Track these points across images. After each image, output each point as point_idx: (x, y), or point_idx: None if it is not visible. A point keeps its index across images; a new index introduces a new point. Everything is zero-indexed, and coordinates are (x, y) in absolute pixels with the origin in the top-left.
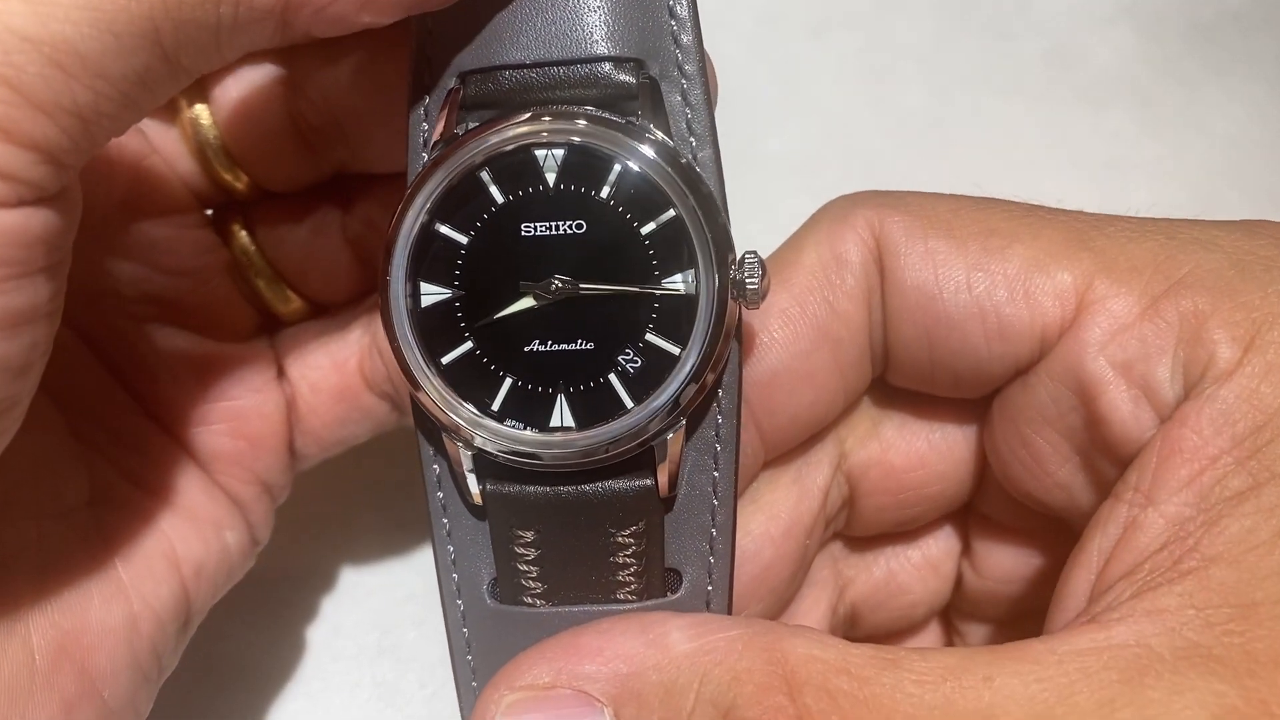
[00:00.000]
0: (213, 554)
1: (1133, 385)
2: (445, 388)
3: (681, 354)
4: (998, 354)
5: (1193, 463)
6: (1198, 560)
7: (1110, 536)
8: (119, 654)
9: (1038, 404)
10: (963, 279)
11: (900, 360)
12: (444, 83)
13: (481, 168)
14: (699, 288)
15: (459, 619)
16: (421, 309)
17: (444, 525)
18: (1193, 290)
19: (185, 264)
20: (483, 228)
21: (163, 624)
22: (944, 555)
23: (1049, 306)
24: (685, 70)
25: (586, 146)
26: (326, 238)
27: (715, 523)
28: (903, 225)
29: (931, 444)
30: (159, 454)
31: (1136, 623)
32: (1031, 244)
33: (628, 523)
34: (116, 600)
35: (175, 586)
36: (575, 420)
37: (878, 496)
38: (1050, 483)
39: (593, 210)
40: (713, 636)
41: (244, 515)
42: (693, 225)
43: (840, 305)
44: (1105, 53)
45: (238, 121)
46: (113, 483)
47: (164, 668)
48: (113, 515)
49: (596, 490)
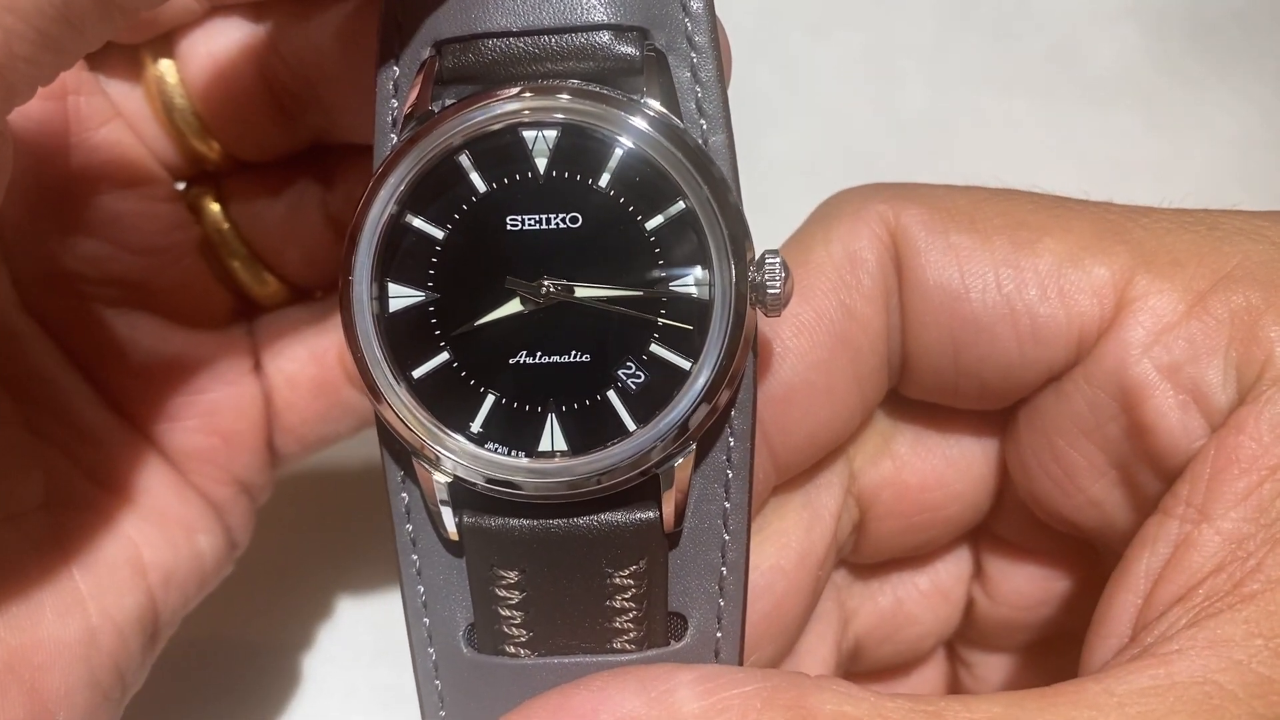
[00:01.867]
0: (183, 560)
1: (1181, 390)
2: (417, 405)
3: (692, 369)
4: (1030, 359)
5: (1251, 473)
6: (1261, 582)
7: (1159, 556)
8: (74, 672)
9: (1073, 413)
10: (991, 277)
11: (920, 368)
12: (416, 52)
13: (460, 151)
14: (713, 291)
15: (430, 670)
16: (389, 314)
17: (414, 562)
18: (1243, 284)
19: (153, 241)
20: (461, 220)
21: (125, 638)
22: (954, 580)
23: (1086, 305)
24: (695, 42)
25: (583, 127)
26: (306, 214)
27: (725, 560)
28: (921, 219)
29: (949, 460)
30: (124, 451)
31: (1199, 656)
32: (1063, 237)
33: (627, 561)
34: (73, 613)
35: (140, 596)
36: (568, 444)
37: (890, 520)
38: (1082, 499)
39: (590, 201)
40: (726, 694)
41: (220, 518)
42: (706, 218)
43: (858, 309)
44: (1108, 51)
45: (208, 82)
46: (72, 482)
47: (128, 685)
48: (71, 518)
49: (591, 524)
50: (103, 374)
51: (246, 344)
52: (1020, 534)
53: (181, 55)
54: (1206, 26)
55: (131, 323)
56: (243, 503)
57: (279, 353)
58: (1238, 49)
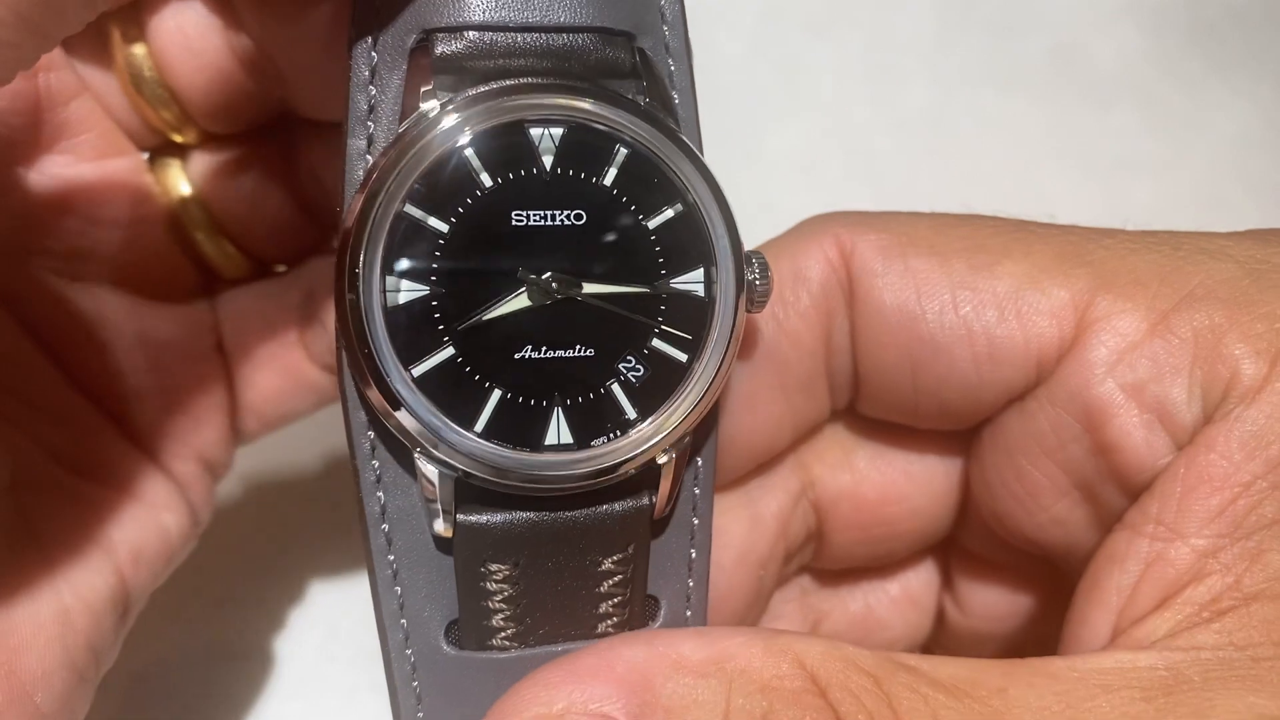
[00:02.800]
0: (151, 538)
1: (1145, 409)
2: (423, 402)
3: (692, 363)
4: (989, 379)
5: (1223, 490)
6: (1237, 597)
7: (1130, 573)
8: (51, 654)
9: (1036, 433)
10: (948, 298)
11: (877, 388)
12: (398, 39)
13: (467, 146)
14: (716, 289)
15: (408, 672)
16: (389, 308)
17: (390, 563)
18: (1206, 303)
19: (119, 213)
20: (466, 214)
21: (99, 617)
22: (925, 589)
23: (1044, 326)
24: (672, 48)
25: (591, 125)
26: (271, 189)
27: (695, 542)
28: (878, 244)
29: (909, 476)
30: (88, 430)
31: (1168, 652)
32: (1023, 260)
33: (615, 548)
34: (45, 595)
35: (110, 575)
36: (574, 437)
37: (849, 531)
38: (1045, 518)
39: (594, 198)
40: (726, 642)
41: (183, 495)
42: (708, 218)
43: (789, 324)
44: (1108, 51)
45: (176, 54)
46: (37, 464)
47: (101, 664)
48: (38, 500)
49: (586, 514)
50: (67, 352)
51: (209, 321)
52: (988, 549)
53: (150, 28)
54: (1206, 26)
55: (98, 298)
56: (205, 480)
57: (241, 330)
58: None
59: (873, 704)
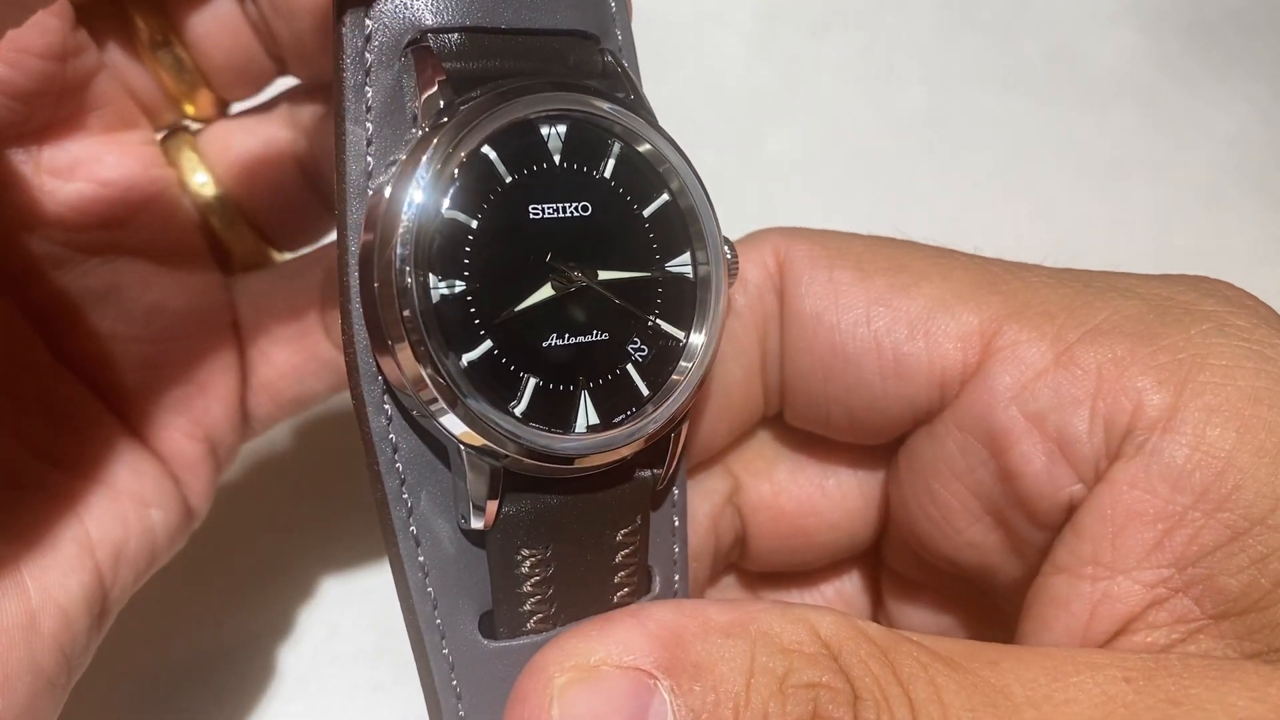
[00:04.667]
0: (134, 535)
1: (1046, 438)
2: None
3: (691, 338)
4: (893, 394)
5: (1156, 524)
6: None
7: (1078, 615)
8: (14, 657)
9: (945, 456)
10: (862, 313)
11: (796, 394)
12: (394, 38)
13: (486, 142)
14: (709, 270)
15: (446, 669)
16: (434, 304)
17: (421, 565)
18: (1110, 336)
19: (135, 177)
20: (490, 209)
21: (70, 619)
22: (857, 592)
23: (949, 349)
24: (624, 50)
25: (589, 121)
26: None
27: (677, 510)
28: (808, 253)
29: (825, 491)
30: (77, 421)
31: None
32: (940, 284)
33: (627, 520)
34: (11, 595)
35: (88, 576)
36: (600, 417)
37: (768, 538)
38: (960, 541)
39: (597, 190)
40: (750, 608)
41: (177, 486)
42: (698, 204)
43: (729, 324)
44: (1107, 52)
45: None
46: (14, 459)
47: (74, 667)
48: (13, 497)
49: (606, 492)
50: (71, 331)
51: (224, 297)
52: (911, 569)
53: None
54: (1206, 26)
55: (116, 269)
56: (208, 465)
57: (258, 306)
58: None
59: (878, 669)
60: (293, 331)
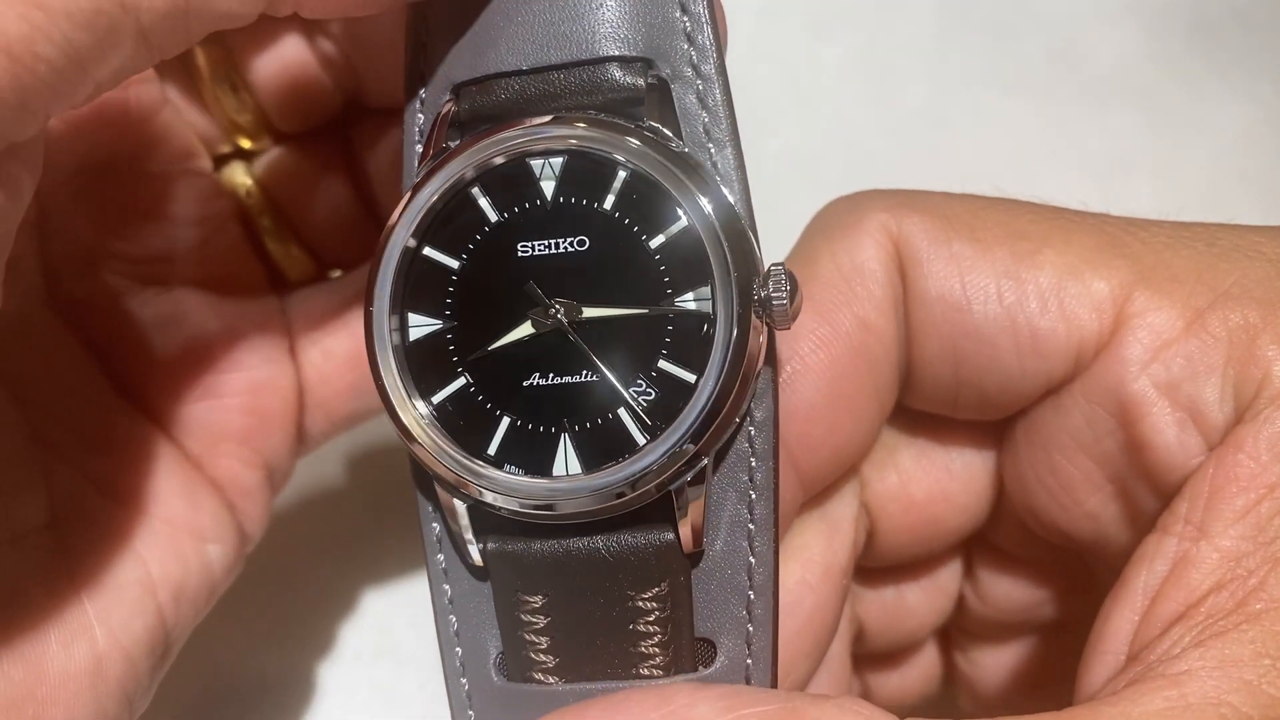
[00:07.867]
0: (193, 573)
1: (1178, 408)
2: (440, 432)
3: (698, 382)
4: (1030, 371)
5: (1249, 491)
6: (1265, 602)
7: (1157, 573)
8: (80, 705)
9: (1071, 427)
10: (992, 288)
11: (923, 378)
12: (437, 97)
13: (472, 183)
14: (715, 306)
15: (464, 700)
16: (410, 343)
17: (445, 592)
18: (1240, 302)
19: (195, 211)
20: (476, 250)
21: (134, 662)
22: (952, 576)
23: (1085, 319)
24: (701, 70)
25: (587, 152)
26: (335, 190)
27: (753, 584)
28: (923, 228)
29: (951, 473)
30: (137, 455)
31: (1210, 677)
32: (1063, 250)
33: (648, 584)
34: (79, 640)
35: (150, 617)
36: (581, 463)
37: (898, 532)
38: (1079, 513)
39: (596, 224)
40: (745, 711)
41: (233, 515)
42: (707, 235)
43: (872, 321)
44: (1109, 51)
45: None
46: (79, 494)
47: (136, 710)
48: (78, 536)
49: (610, 545)
50: (133, 361)
51: (281, 320)
52: (1013, 544)
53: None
54: (1206, 26)
55: (176, 299)
56: (265, 491)
57: (313, 325)
58: (1238, 49)
59: None
60: (347, 348)
